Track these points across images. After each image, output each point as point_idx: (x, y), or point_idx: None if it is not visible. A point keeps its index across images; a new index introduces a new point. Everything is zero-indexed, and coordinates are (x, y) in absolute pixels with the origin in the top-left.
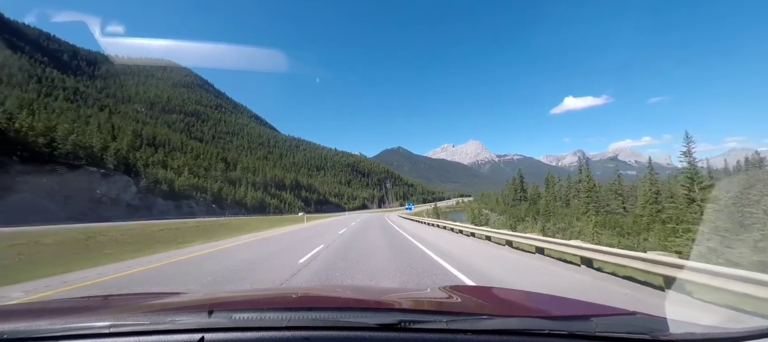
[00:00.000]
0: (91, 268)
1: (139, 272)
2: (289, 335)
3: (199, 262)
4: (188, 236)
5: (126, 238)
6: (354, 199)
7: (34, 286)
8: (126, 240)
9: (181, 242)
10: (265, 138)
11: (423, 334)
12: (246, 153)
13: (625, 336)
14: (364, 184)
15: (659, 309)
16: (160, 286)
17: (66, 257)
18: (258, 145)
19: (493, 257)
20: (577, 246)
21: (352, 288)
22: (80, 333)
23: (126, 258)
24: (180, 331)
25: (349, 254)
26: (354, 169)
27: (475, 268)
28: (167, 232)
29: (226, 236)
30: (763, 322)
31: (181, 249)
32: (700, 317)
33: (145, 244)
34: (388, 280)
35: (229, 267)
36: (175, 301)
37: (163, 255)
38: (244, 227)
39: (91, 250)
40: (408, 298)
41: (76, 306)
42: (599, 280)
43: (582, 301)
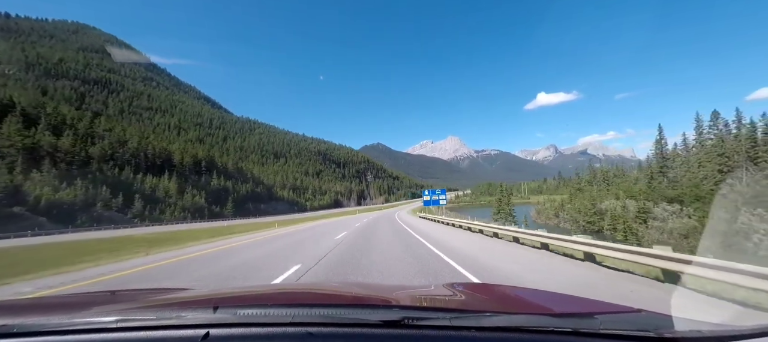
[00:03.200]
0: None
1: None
2: (293, 331)
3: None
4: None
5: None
6: (322, 194)
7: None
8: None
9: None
10: (207, 117)
11: (427, 330)
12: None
13: (631, 333)
14: (339, 176)
15: (664, 305)
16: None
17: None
18: (195, 125)
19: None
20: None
21: (357, 285)
22: (88, 328)
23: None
24: (186, 327)
25: None
26: (327, 158)
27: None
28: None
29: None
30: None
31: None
32: (706, 314)
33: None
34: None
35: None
36: (181, 296)
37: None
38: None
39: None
40: (412, 295)
41: (83, 301)
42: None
43: (586, 299)
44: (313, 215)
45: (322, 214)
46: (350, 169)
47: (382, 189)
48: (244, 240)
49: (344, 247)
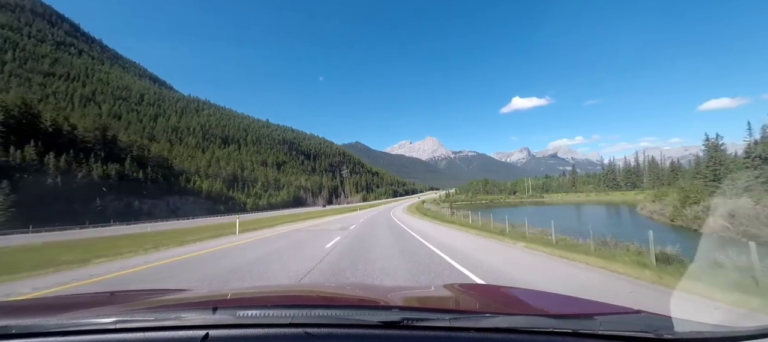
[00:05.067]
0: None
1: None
2: (292, 332)
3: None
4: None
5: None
6: (279, 189)
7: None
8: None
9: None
10: (136, 92)
11: (426, 331)
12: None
13: (630, 334)
14: (309, 169)
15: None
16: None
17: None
18: (117, 99)
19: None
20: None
21: (357, 286)
22: (87, 329)
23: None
24: (185, 328)
25: None
26: (294, 148)
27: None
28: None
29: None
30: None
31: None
32: (705, 315)
33: None
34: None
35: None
36: (180, 297)
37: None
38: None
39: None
40: (411, 296)
41: (82, 302)
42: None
43: (586, 300)
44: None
45: (214, 227)
46: (323, 161)
47: (359, 185)
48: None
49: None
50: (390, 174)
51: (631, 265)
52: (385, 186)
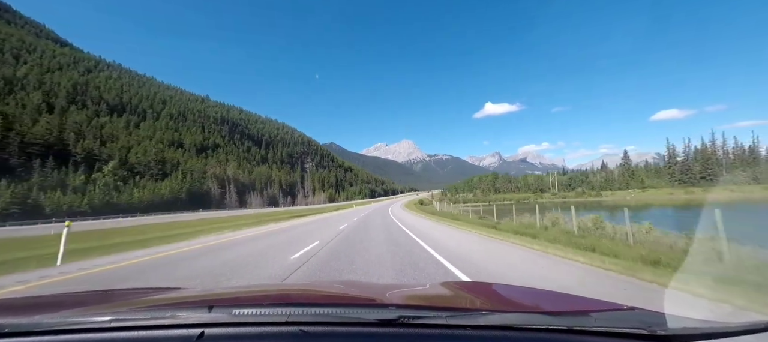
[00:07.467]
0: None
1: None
2: (288, 330)
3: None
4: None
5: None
6: (182, 180)
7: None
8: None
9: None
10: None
11: (422, 329)
12: None
13: (624, 331)
14: (257, 159)
15: (657, 304)
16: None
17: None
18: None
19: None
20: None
21: (352, 284)
22: (81, 327)
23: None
24: (181, 326)
25: None
26: (236, 131)
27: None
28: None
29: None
30: (761, 316)
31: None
32: (697, 312)
33: None
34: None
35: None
36: (176, 296)
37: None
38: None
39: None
40: (407, 294)
41: (76, 300)
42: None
43: (580, 297)
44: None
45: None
46: (279, 150)
47: (327, 182)
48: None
49: None
50: (366, 171)
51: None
52: (360, 184)
